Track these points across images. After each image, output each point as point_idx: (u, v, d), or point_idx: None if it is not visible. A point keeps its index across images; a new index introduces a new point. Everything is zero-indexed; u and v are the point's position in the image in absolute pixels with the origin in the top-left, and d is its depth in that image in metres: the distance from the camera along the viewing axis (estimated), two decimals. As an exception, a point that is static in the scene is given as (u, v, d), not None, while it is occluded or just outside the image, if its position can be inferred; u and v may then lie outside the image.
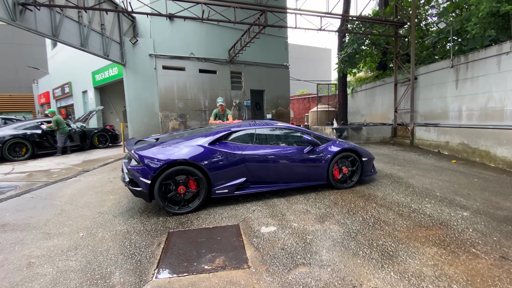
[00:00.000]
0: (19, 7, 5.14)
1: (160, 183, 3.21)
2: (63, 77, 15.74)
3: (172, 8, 6.85)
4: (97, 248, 2.60)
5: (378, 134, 9.27)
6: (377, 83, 10.56)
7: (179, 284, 2.04)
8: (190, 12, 6.51)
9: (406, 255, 2.38)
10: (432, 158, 6.58)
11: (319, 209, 3.46)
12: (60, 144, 8.24)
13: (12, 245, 2.67)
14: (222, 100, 5.96)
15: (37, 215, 3.50)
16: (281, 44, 12.02)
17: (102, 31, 7.82)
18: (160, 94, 9.50)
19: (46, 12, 5.74)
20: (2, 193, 4.43)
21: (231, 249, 2.53)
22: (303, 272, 2.16)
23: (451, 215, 3.21)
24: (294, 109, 19.21)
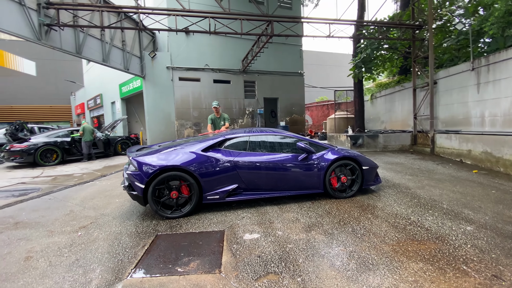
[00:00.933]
0: (45, 27, 5.88)
1: (153, 187, 3.38)
2: (95, 89, 17.20)
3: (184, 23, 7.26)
4: (89, 246, 2.80)
5: (397, 141, 8.80)
6: (396, 88, 10.11)
7: (149, 284, 2.13)
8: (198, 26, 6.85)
9: (386, 269, 2.25)
10: (451, 168, 6.09)
11: (309, 218, 3.39)
12: (85, 151, 8.97)
13: (18, 241, 2.97)
14: (217, 103, 6.05)
15: (48, 214, 3.85)
16: (296, 52, 12.06)
17: (123, 47, 8.54)
18: (176, 104, 10.01)
19: (70, 31, 6.47)
20: (25, 194, 4.94)
21: (208, 254, 2.58)
22: (271, 281, 2.14)
23: (452, 229, 2.96)
24: (313, 116, 18.94)
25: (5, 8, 5.14)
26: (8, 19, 5.18)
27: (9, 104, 20.27)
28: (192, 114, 10.29)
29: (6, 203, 4.41)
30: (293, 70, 12.02)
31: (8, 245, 2.88)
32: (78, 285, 2.14)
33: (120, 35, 8.49)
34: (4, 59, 13.29)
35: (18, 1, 5.41)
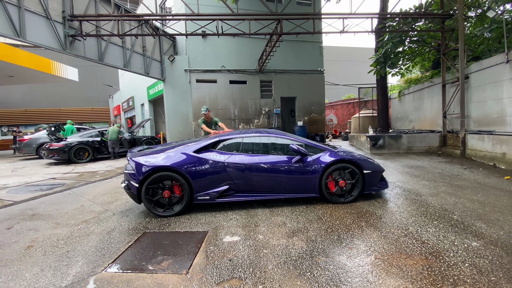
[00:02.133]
0: (69, 38, 6.51)
1: (146, 187, 3.54)
2: (128, 92, 18.53)
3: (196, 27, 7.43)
4: (82, 240, 3.03)
5: (423, 143, 8.06)
6: (425, 84, 9.26)
7: (118, 279, 2.24)
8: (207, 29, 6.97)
9: (358, 283, 2.08)
10: (480, 173, 5.41)
11: (297, 223, 3.27)
12: (110, 149, 9.72)
13: (28, 231, 3.33)
14: (205, 109, 5.96)
15: (62, 208, 4.24)
16: (315, 49, 11.67)
17: (143, 52, 9.09)
18: (194, 105, 10.35)
19: (93, 40, 7.07)
20: (51, 189, 5.51)
21: (183, 254, 2.63)
22: (232, 286, 2.11)
23: (454, 244, 2.63)
24: (338, 115, 18.20)
25: (34, 22, 5.85)
26: (36, 32, 5.89)
27: (58, 107, 22.79)
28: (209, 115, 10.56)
29: (33, 196, 4.96)
30: (312, 67, 11.65)
31: (18, 234, 3.24)
32: (58, 274, 2.33)
33: (141, 41, 9.07)
34: (51, 67, 14.98)
35: (45, 15, 6.11)
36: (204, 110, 5.99)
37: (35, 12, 5.89)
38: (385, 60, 8.17)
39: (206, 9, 7.88)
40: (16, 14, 5.47)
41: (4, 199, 4.80)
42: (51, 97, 22.98)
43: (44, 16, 6.13)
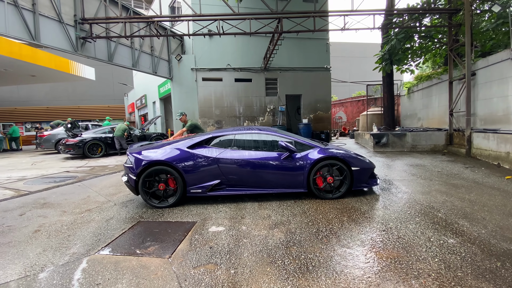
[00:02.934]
0: (81, 40, 6.93)
1: (143, 179, 3.80)
2: (141, 90, 19.19)
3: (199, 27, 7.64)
4: (83, 226, 3.33)
5: (428, 141, 7.90)
6: (433, 81, 9.02)
7: (108, 260, 2.49)
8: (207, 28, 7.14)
9: (324, 272, 2.21)
10: (480, 173, 5.29)
11: (281, 216, 3.41)
12: (116, 146, 10.20)
13: (37, 217, 3.68)
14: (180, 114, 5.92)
15: (71, 198, 4.61)
16: (321, 46, 11.59)
17: (151, 52, 9.45)
18: (200, 103, 10.64)
19: (102, 42, 7.47)
20: (63, 181, 5.94)
21: (169, 241, 2.85)
22: (207, 270, 2.30)
23: (429, 240, 2.68)
24: (348, 112, 17.95)
25: (48, 26, 6.31)
26: (50, 36, 6.34)
27: (77, 104, 23.96)
28: (214, 112, 10.83)
29: (46, 187, 5.39)
30: (318, 65, 11.60)
31: (29, 220, 3.60)
32: (57, 254, 2.62)
33: (149, 41, 9.45)
34: (70, 67, 15.80)
35: (58, 20, 6.56)
36: (179, 115, 5.97)
37: (49, 16, 6.36)
38: (390, 57, 8.04)
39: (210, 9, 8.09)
40: (31, 19, 5.95)
41: (20, 190, 5.26)
42: (70, 95, 24.19)
43: (57, 20, 6.59)
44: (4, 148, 14.44)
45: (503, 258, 2.32)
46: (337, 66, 29.06)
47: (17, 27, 5.66)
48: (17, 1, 5.50)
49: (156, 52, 9.85)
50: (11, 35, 5.58)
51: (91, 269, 2.36)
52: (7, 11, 5.38)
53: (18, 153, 13.64)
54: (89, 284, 2.15)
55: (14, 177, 6.50)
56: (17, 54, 11.66)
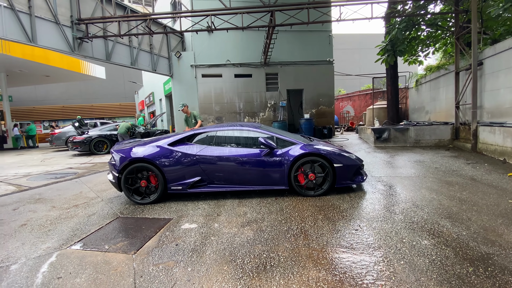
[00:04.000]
0: (78, 41, 7.12)
1: (125, 176, 3.88)
2: (149, 88, 19.56)
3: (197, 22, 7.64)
4: (65, 221, 3.45)
5: (432, 136, 7.53)
6: (440, 72, 8.55)
7: (75, 255, 2.57)
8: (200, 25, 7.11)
9: (281, 272, 2.17)
10: (481, 169, 4.98)
11: (257, 214, 3.38)
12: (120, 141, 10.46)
13: (28, 212, 3.86)
14: (182, 106, 6.26)
15: (64, 194, 4.80)
16: (324, 39, 11.25)
17: (150, 50, 9.57)
18: (200, 99, 10.69)
19: (100, 41, 7.64)
20: (63, 177, 6.19)
21: (140, 237, 2.90)
22: (165, 267, 2.32)
23: (401, 241, 2.56)
24: (355, 106, 17.46)
25: (44, 27, 6.53)
26: (47, 37, 6.57)
27: (90, 103, 24.85)
28: (214, 109, 10.86)
29: (46, 183, 5.64)
30: (320, 58, 11.28)
31: (20, 214, 3.78)
32: (33, 248, 2.73)
33: (148, 39, 9.57)
34: (81, 66, 16.36)
35: (54, 21, 6.77)
36: (180, 106, 6.28)
37: (45, 18, 6.58)
38: (393, 48, 7.68)
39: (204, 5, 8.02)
40: (28, 21, 6.19)
41: (22, 185, 5.53)
42: (84, 94, 25.09)
43: (53, 21, 6.80)
44: (22, 146, 15.26)
45: (477, 263, 2.17)
46: (347, 59, 28.27)
47: (14, 30, 5.92)
48: (14, 5, 5.75)
49: (156, 50, 9.99)
50: (9, 37, 5.84)
51: (58, 263, 2.45)
52: (4, 15, 5.64)
53: (33, 150, 14.37)
54: (52, 277, 2.23)
55: (21, 173, 6.85)
56: (30, 56, 12.21)
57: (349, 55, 28.57)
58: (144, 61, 9.62)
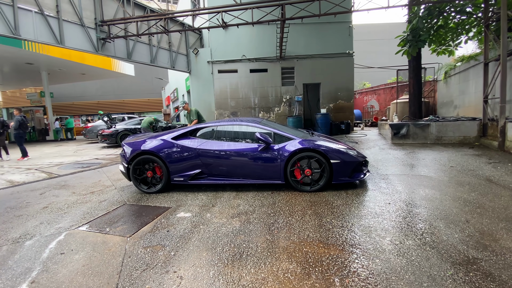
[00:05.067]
0: (101, 41, 7.68)
1: (133, 167, 4.21)
2: (174, 84, 20.38)
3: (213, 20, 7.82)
4: (80, 205, 3.87)
5: (456, 132, 6.98)
6: (470, 63, 7.85)
7: (80, 235, 2.90)
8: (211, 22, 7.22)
9: (254, 262, 2.26)
10: (502, 170, 4.55)
11: (249, 206, 3.49)
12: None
13: (52, 196, 4.37)
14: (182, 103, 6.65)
15: (85, 181, 5.31)
16: (343, 30, 10.79)
17: (169, 47, 9.97)
18: (216, 95, 10.93)
19: (121, 41, 8.15)
20: (89, 167, 6.82)
21: (138, 223, 3.17)
22: (153, 249, 2.53)
23: (384, 240, 2.52)
24: (380, 100, 16.60)
25: (71, 30, 7.17)
26: (73, 39, 7.20)
27: (122, 99, 26.59)
28: (229, 104, 11.05)
29: (72, 172, 6.27)
30: (339, 50, 10.85)
31: (44, 198, 4.30)
32: (48, 227, 3.13)
33: (167, 37, 9.99)
34: (112, 64, 17.57)
35: (80, 24, 7.38)
36: (181, 103, 6.61)
37: (72, 21, 7.22)
38: (415, 38, 7.19)
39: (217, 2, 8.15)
40: (57, 25, 6.84)
41: (53, 173, 6.21)
42: (116, 90, 26.88)
43: (79, 24, 7.43)
44: (61, 138, 16.89)
45: (459, 267, 2.07)
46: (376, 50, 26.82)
47: (44, 33, 6.60)
48: (43, 10, 6.40)
49: (174, 47, 10.41)
50: (40, 40, 6.55)
51: (64, 241, 2.79)
52: (35, 20, 6.32)
53: (70, 142, 15.84)
54: (56, 252, 2.56)
55: (54, 163, 7.66)
56: (67, 55, 13.39)
57: (377, 46, 27.08)
58: (163, 58, 10.10)
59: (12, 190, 4.90)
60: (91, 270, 2.24)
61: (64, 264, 2.35)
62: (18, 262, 2.42)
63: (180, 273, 2.15)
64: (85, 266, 2.31)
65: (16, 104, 21.99)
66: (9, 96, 24.05)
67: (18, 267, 2.34)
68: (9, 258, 2.48)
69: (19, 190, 4.86)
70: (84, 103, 25.85)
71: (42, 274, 2.22)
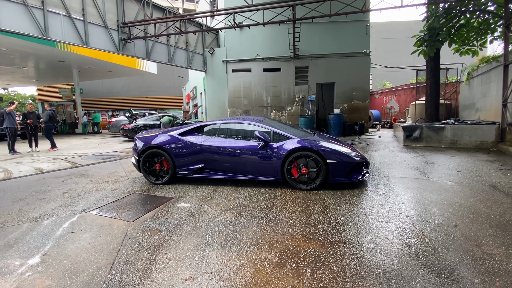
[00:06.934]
0: (122, 42, 8.21)
1: (143, 160, 4.56)
2: (193, 82, 21.02)
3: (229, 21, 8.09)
4: (94, 192, 4.27)
5: (472, 136, 6.67)
6: (492, 64, 7.43)
7: (90, 218, 3.26)
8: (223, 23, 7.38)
9: (237, 250, 2.45)
10: (510, 177, 4.36)
11: (245, 201, 3.68)
12: (163, 131, 11.69)
13: (72, 183, 4.85)
14: None
15: (102, 171, 5.79)
16: (360, 29, 10.55)
17: (186, 47, 10.38)
18: (229, 93, 11.20)
19: (141, 41, 8.65)
20: (108, 159, 7.37)
21: (142, 210, 3.48)
22: (150, 233, 2.81)
23: (364, 238, 2.60)
24: (401, 101, 15.99)
25: (95, 32, 7.76)
26: (97, 40, 7.79)
27: (145, 95, 27.89)
28: (242, 102, 11.28)
29: (92, 162, 6.83)
30: (355, 50, 10.63)
31: (65, 184, 4.78)
32: (64, 209, 3.53)
33: (184, 38, 10.41)
34: (136, 63, 18.54)
35: (103, 26, 7.95)
36: None
37: (96, 23, 7.82)
38: (432, 37, 6.94)
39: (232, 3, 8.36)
40: (82, 27, 7.45)
41: (76, 163, 6.81)
42: (140, 87, 28.23)
43: (102, 26, 8.02)
44: (89, 131, 18.12)
45: (432, 268, 2.12)
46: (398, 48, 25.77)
47: (71, 34, 7.23)
48: (71, 13, 7.02)
49: (191, 47, 10.82)
50: (67, 41, 7.18)
51: (76, 222, 3.16)
52: (63, 22, 6.95)
53: (96, 135, 16.97)
54: (68, 231, 2.92)
55: (79, 154, 8.34)
56: (96, 54, 14.36)
57: (401, 44, 25.98)
58: (180, 58, 10.56)
59: (39, 176, 5.47)
60: (95, 248, 2.56)
61: (73, 241, 2.69)
62: (35, 238, 2.80)
63: (169, 255, 2.40)
64: (90, 244, 2.63)
65: (50, 99, 23.88)
66: (44, 92, 26.12)
67: (34, 241, 2.72)
68: (28, 234, 2.87)
69: (45, 177, 5.42)
70: (110, 98, 27.44)
71: (53, 249, 2.57)
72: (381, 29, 26.26)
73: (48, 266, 2.30)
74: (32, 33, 6.61)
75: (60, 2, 7.02)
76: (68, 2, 7.06)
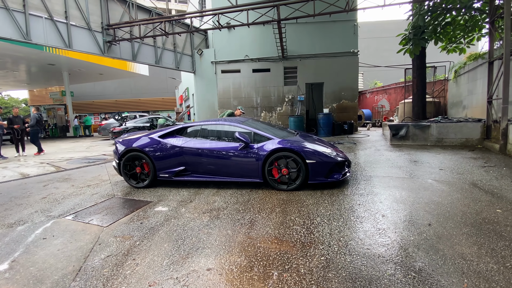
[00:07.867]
0: (107, 44, 8.15)
1: (123, 163, 4.51)
2: (186, 84, 20.93)
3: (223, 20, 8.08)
4: (74, 197, 4.21)
5: (458, 134, 6.72)
6: (478, 61, 7.49)
7: (64, 223, 3.20)
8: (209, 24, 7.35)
9: (207, 254, 2.41)
10: (493, 174, 4.37)
11: (224, 203, 3.66)
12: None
13: (52, 188, 4.77)
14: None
15: (86, 175, 5.72)
16: (348, 29, 10.58)
17: (174, 48, 10.33)
18: (219, 94, 11.17)
19: (127, 43, 8.60)
20: (94, 162, 7.29)
21: (118, 214, 3.43)
22: (122, 239, 2.77)
23: (335, 239, 2.58)
24: (391, 100, 16.11)
25: (79, 34, 7.69)
26: (81, 42, 7.71)
27: (138, 97, 27.73)
28: (232, 103, 11.25)
29: (77, 166, 6.75)
30: (343, 49, 10.67)
31: (46, 189, 4.71)
32: (40, 215, 3.47)
33: (172, 39, 10.36)
34: (127, 65, 18.40)
35: (87, 28, 7.89)
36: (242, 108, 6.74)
37: (80, 26, 7.75)
38: (416, 36, 6.97)
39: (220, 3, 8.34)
40: (65, 29, 7.38)
41: (60, 167, 6.72)
42: (133, 89, 28.06)
43: (86, 28, 7.95)
44: (80, 134, 17.95)
45: (400, 268, 2.10)
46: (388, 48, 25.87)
47: (54, 37, 7.15)
48: (53, 16, 6.94)
49: (179, 48, 10.78)
50: (50, 44, 7.10)
51: (50, 227, 3.10)
52: (45, 25, 6.87)
53: (87, 138, 16.80)
54: (40, 237, 2.86)
55: (65, 158, 8.25)
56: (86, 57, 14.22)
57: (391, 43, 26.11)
58: (168, 59, 10.51)
59: (21, 181, 5.39)
60: (64, 254, 2.51)
61: (43, 248, 2.64)
62: (7, 244, 2.74)
63: (138, 260, 2.36)
64: (60, 250, 2.58)
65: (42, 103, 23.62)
66: (36, 95, 25.84)
67: (6, 248, 2.67)
68: (0, 240, 2.82)
69: (27, 182, 5.34)
70: (103, 101, 27.23)
71: (22, 255, 2.52)
72: (373, 29, 26.38)
73: (15, 272, 2.26)
74: (14, 37, 6.53)
75: (42, 5, 6.95)
76: (51, 5, 7.00)
